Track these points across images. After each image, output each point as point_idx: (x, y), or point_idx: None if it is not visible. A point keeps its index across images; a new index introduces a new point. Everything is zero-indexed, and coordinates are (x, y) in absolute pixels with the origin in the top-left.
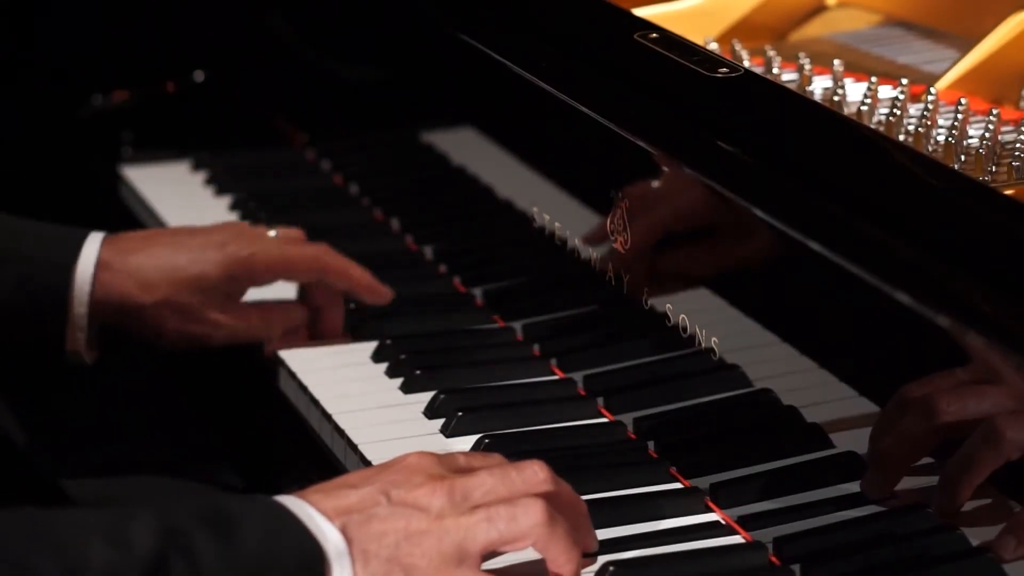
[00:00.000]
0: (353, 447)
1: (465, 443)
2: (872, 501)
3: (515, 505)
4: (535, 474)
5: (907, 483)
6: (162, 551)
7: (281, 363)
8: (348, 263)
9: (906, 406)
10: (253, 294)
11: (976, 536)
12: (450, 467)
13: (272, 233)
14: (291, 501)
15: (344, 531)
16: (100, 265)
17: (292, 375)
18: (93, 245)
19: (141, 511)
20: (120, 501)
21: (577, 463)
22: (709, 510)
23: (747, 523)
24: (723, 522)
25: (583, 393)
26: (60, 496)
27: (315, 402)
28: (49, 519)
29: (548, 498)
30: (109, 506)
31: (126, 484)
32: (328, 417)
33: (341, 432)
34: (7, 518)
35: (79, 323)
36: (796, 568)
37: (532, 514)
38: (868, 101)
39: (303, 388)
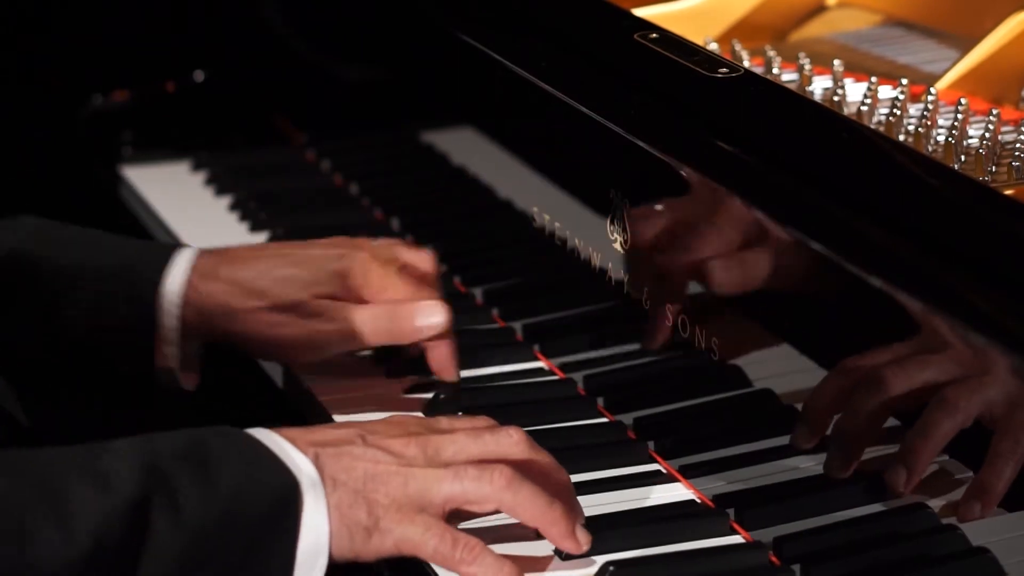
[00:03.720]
0: None
1: None
2: (800, 452)
3: (483, 468)
4: (509, 437)
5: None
6: (144, 494)
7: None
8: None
9: (852, 377)
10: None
11: (973, 531)
12: (430, 427)
13: (403, 252)
14: (264, 434)
15: (316, 460)
16: (200, 274)
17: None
18: (186, 255)
19: (123, 450)
20: None
21: (577, 464)
22: (709, 510)
23: (747, 523)
24: (723, 522)
25: (583, 393)
26: None
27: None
28: (35, 464)
29: (522, 464)
30: (90, 445)
31: None
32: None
33: None
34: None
35: (169, 337)
36: (796, 568)
37: (497, 478)
38: (868, 101)
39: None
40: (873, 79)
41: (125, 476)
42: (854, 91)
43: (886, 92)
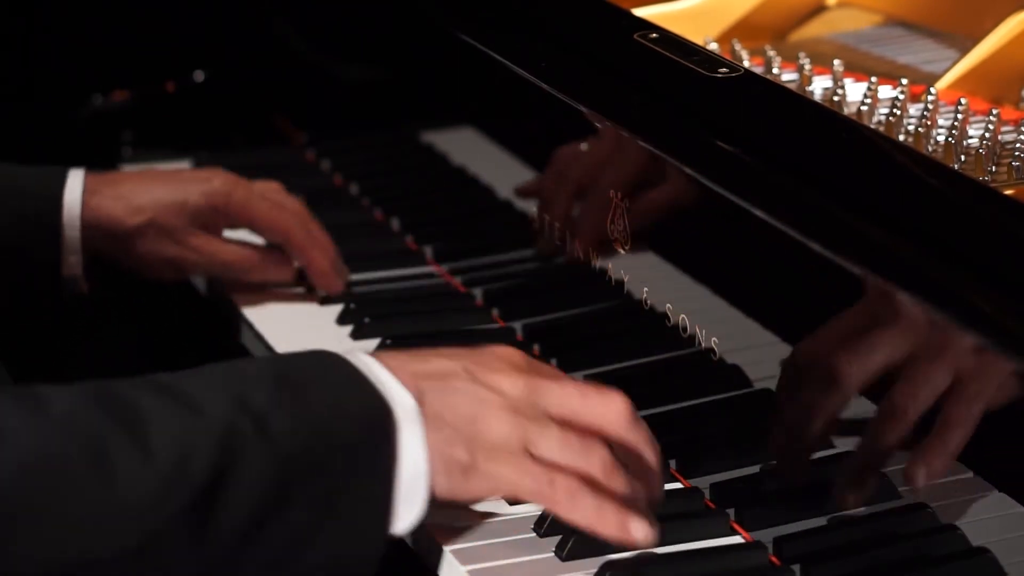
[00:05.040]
0: None
1: None
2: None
3: (585, 441)
4: (615, 402)
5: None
6: (230, 415)
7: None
8: (311, 243)
9: (811, 372)
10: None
11: (973, 531)
12: (535, 367)
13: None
14: (363, 361)
15: (419, 394)
16: (88, 191)
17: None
18: (77, 174)
19: (210, 373)
20: None
21: None
22: (709, 510)
23: (747, 523)
24: (723, 522)
25: None
26: None
27: None
28: (117, 388)
29: (619, 441)
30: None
31: None
32: None
33: None
34: (79, 392)
35: (73, 246)
36: (796, 568)
37: (596, 456)
38: (868, 101)
39: None
40: (873, 79)
41: (211, 398)
42: (854, 91)
43: (886, 92)
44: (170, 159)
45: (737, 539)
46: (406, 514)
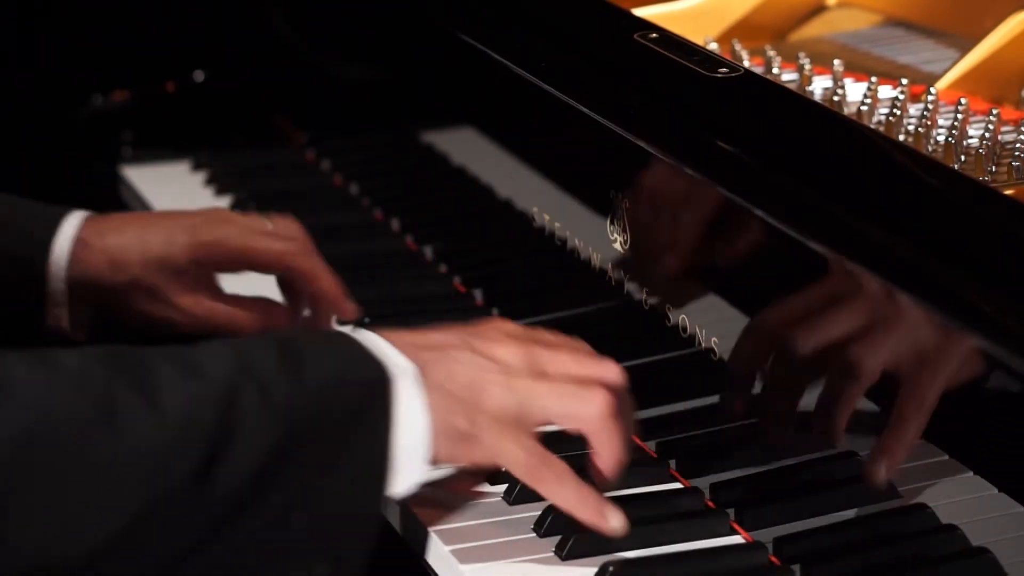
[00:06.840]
0: None
1: None
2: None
3: (585, 388)
4: (609, 368)
5: (908, 485)
6: (234, 379)
7: None
8: (317, 267)
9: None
10: (238, 286)
11: (973, 531)
12: (532, 336)
13: (268, 225)
14: (364, 334)
15: (420, 364)
16: (78, 242)
17: None
18: (73, 222)
19: (214, 345)
20: None
21: (579, 464)
22: (709, 510)
23: (747, 523)
24: (723, 522)
25: None
26: None
27: None
28: (126, 350)
29: (616, 393)
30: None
31: None
32: None
33: None
34: (89, 352)
35: (58, 299)
36: (796, 568)
37: (597, 402)
38: (868, 101)
39: None
40: (873, 79)
41: (215, 364)
42: (854, 91)
43: (886, 92)
44: (170, 159)
45: (737, 539)
46: (406, 475)
